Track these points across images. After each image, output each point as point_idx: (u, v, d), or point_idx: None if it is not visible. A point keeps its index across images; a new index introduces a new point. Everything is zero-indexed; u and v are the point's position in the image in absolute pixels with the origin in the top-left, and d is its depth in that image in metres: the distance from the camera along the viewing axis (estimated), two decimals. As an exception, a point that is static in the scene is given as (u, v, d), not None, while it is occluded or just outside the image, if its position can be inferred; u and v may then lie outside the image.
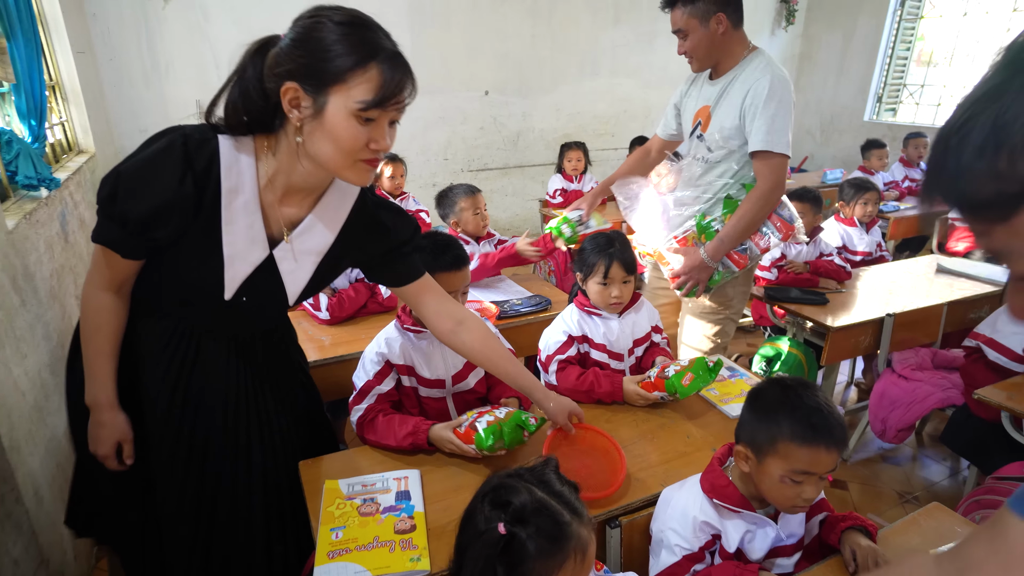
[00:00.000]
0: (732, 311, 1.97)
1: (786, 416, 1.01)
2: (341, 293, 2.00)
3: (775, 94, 1.71)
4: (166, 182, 0.95)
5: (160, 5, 3.57)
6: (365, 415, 1.40)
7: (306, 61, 0.91)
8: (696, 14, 1.74)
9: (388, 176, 3.05)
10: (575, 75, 4.89)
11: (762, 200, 1.77)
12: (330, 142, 0.95)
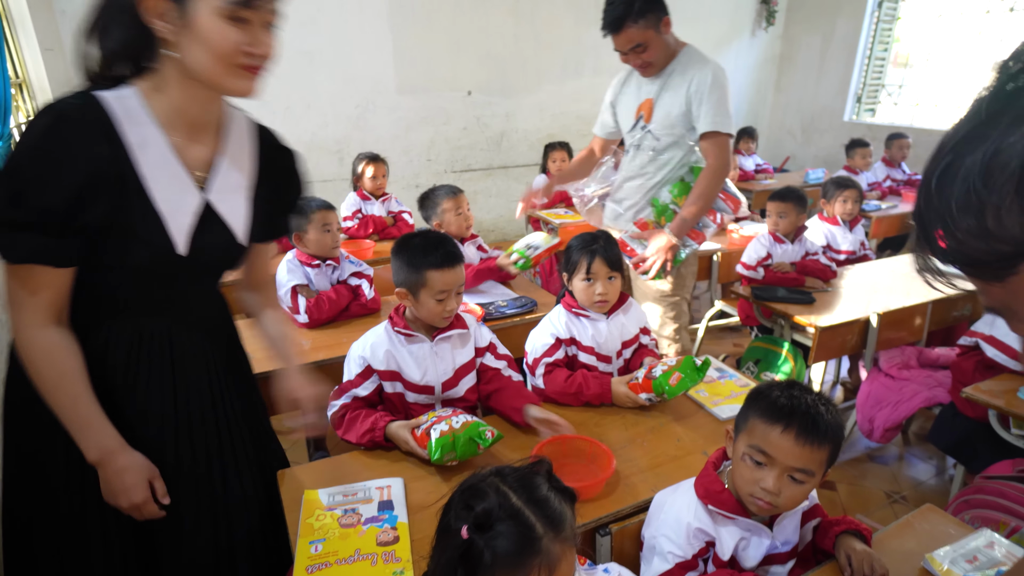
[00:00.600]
0: (685, 291, 2.11)
1: (765, 397, 1.01)
2: (321, 295, 1.95)
3: (718, 82, 1.87)
4: (77, 152, 0.87)
5: None
6: (338, 411, 1.39)
7: None
8: (649, 25, 1.85)
9: (370, 176, 2.99)
10: (558, 75, 4.87)
11: (715, 176, 1.92)
12: (204, 48, 0.89)
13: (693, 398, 1.57)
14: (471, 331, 1.52)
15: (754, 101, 6.07)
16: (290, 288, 1.94)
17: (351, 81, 4.19)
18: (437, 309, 1.41)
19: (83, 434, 0.98)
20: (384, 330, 1.46)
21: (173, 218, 0.98)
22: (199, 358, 1.12)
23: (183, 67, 0.92)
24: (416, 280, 1.40)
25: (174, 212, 0.98)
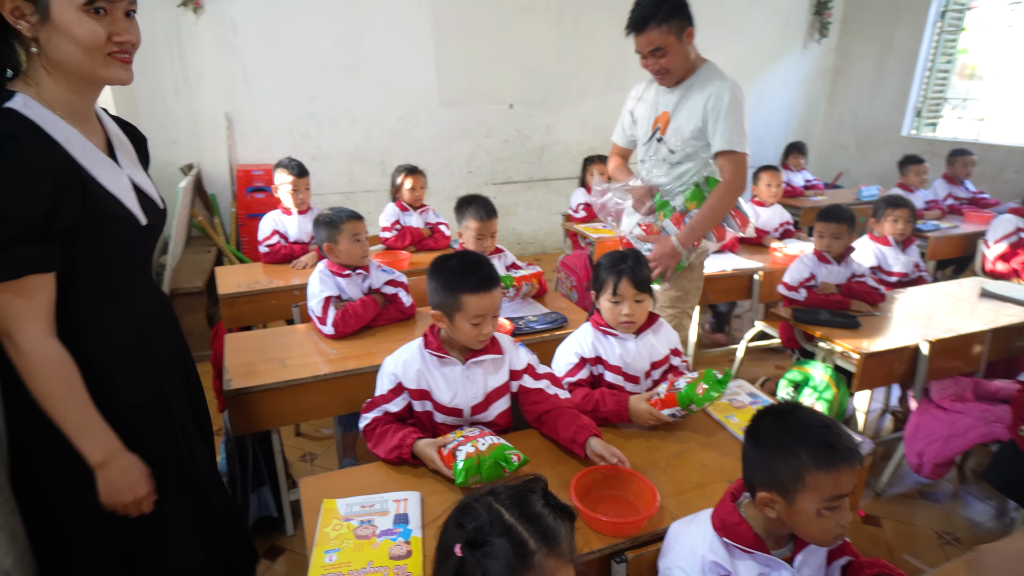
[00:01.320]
0: (688, 304, 2.12)
1: (802, 444, 0.94)
2: (347, 308, 1.97)
3: (735, 100, 1.88)
4: (35, 163, 0.92)
5: (192, 20, 3.67)
6: (370, 424, 1.41)
7: None
8: (672, 31, 1.84)
9: (408, 188, 3.04)
10: (601, 88, 4.85)
11: (728, 192, 1.93)
12: (71, 43, 0.94)
13: (723, 423, 1.51)
14: (506, 355, 1.49)
15: (805, 115, 5.89)
16: (323, 299, 1.97)
17: (394, 94, 4.29)
18: (472, 332, 1.39)
19: (88, 439, 1.02)
20: (417, 348, 1.45)
21: (124, 197, 1.06)
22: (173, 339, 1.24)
23: (51, 63, 0.96)
24: (452, 303, 1.38)
25: (121, 192, 1.06)
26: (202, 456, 1.29)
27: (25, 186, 0.91)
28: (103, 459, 1.03)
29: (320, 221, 2.07)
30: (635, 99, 2.14)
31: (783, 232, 3.34)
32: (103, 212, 1.01)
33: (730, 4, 5.09)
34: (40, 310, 0.97)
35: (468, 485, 1.22)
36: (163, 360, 1.20)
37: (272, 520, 1.98)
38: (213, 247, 3.74)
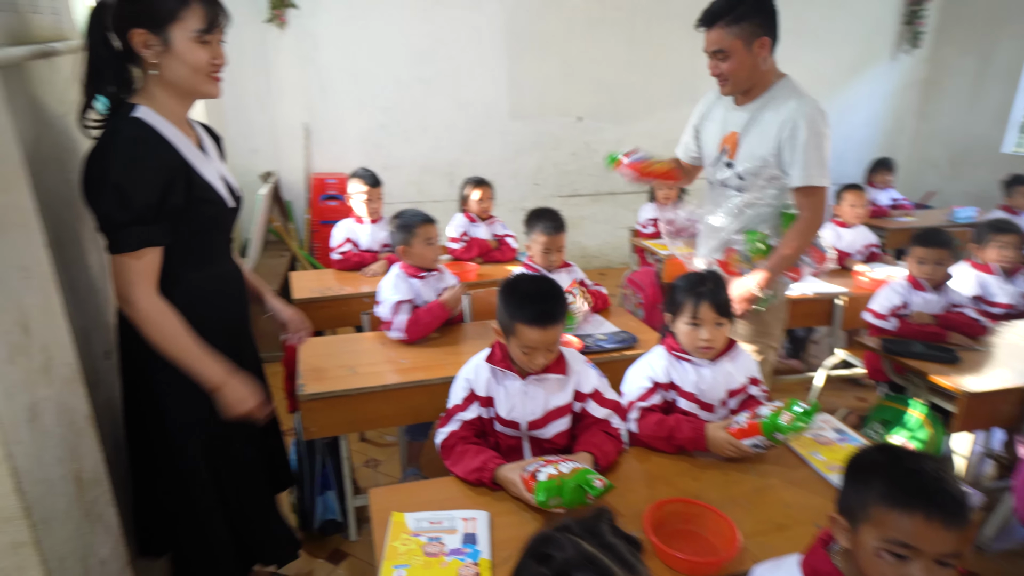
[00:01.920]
0: (771, 338, 1.96)
1: (878, 476, 0.88)
2: (418, 314, 1.99)
3: (815, 127, 1.70)
4: (156, 158, 1.18)
5: (277, 35, 3.84)
6: (447, 440, 1.41)
7: (141, 10, 1.16)
8: (741, 35, 1.68)
9: (476, 199, 3.06)
10: (672, 101, 4.75)
11: (808, 231, 1.78)
12: (184, 66, 1.20)
13: (808, 461, 1.42)
14: (572, 376, 1.46)
15: (891, 130, 5.57)
16: (393, 303, 2.00)
17: (465, 107, 4.35)
18: (523, 359, 1.41)
19: (203, 367, 1.27)
20: (485, 359, 1.48)
21: (216, 184, 1.31)
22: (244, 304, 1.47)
23: (165, 82, 1.22)
24: (509, 327, 1.40)
25: (215, 180, 1.31)
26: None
27: (147, 180, 1.16)
28: (221, 380, 1.28)
29: (395, 223, 2.11)
30: (700, 115, 2.00)
31: (868, 255, 3.15)
32: (202, 196, 1.27)
33: (810, 13, 4.88)
34: (150, 275, 1.21)
35: (548, 507, 1.19)
36: (237, 319, 1.45)
37: (337, 524, 2.01)
38: (287, 252, 3.88)
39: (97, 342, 1.39)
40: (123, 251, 1.18)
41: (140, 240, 1.18)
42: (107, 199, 1.15)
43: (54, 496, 1.03)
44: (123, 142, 1.16)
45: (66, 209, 1.31)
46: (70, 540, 1.07)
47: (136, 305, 1.21)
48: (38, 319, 1.01)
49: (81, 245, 1.38)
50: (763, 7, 1.69)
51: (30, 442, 0.96)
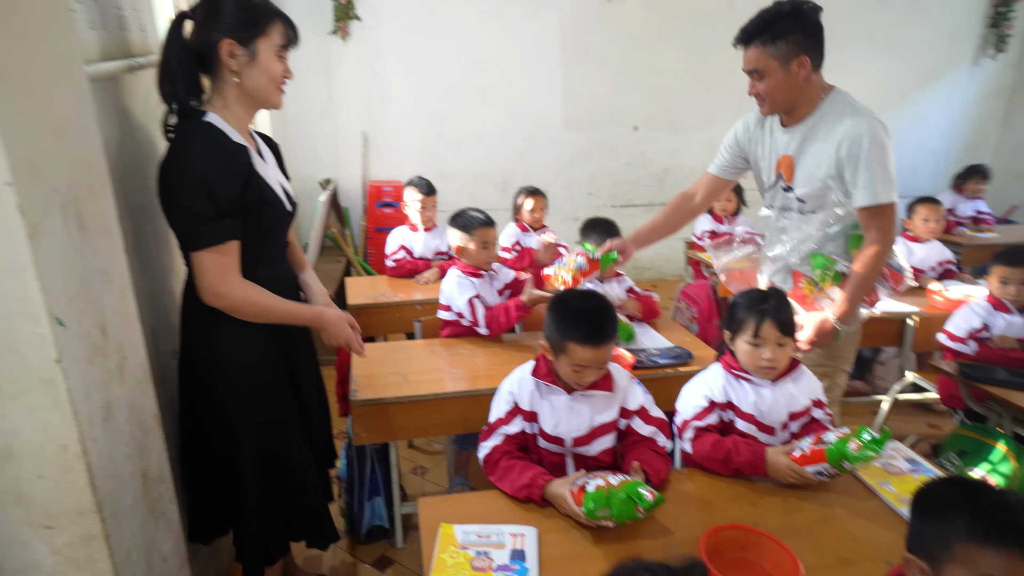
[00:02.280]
0: (842, 362, 1.84)
1: (960, 512, 0.82)
2: (495, 311, 2.04)
3: (877, 141, 1.58)
4: (234, 158, 1.27)
5: (340, 46, 3.97)
6: (491, 455, 1.39)
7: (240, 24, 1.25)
8: (777, 55, 1.60)
9: (529, 209, 3.05)
10: (732, 111, 4.58)
11: (880, 255, 1.66)
12: (264, 75, 1.30)
13: (877, 492, 1.34)
14: (619, 393, 1.44)
15: (972, 140, 5.25)
16: (468, 301, 2.04)
17: (519, 116, 4.36)
18: (572, 376, 1.38)
19: (299, 315, 1.42)
20: (529, 371, 1.47)
21: (276, 189, 1.39)
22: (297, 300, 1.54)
23: (242, 90, 1.30)
24: (558, 344, 1.37)
25: (274, 185, 1.39)
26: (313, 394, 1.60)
27: (228, 175, 1.25)
28: (317, 317, 1.44)
29: (455, 223, 2.13)
30: (746, 136, 1.88)
31: (943, 272, 2.96)
32: (264, 198, 1.34)
33: (884, 17, 4.66)
34: (235, 265, 1.29)
35: (596, 518, 1.16)
36: None
37: (383, 530, 2.04)
38: (343, 258, 3.99)
39: (164, 342, 1.46)
40: (211, 245, 1.24)
41: (227, 233, 1.26)
42: (193, 195, 1.21)
43: (123, 492, 1.08)
44: (203, 142, 1.24)
45: (142, 214, 1.38)
46: (136, 535, 1.12)
47: (228, 295, 1.28)
48: (115, 321, 1.07)
49: (154, 248, 1.45)
50: (804, 24, 1.59)
51: (103, 440, 1.01)
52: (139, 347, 1.18)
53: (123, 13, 1.37)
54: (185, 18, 1.26)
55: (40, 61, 0.88)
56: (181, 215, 1.25)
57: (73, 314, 0.93)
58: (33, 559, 0.96)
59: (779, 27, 1.58)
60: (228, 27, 1.24)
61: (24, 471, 0.92)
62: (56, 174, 0.90)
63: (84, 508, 0.97)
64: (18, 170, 0.80)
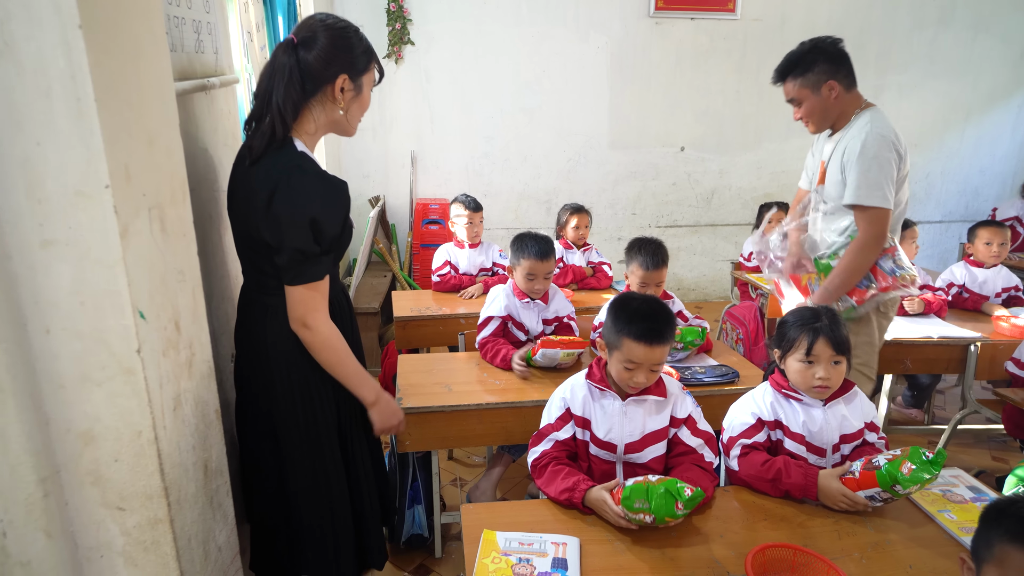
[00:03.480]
0: (859, 361, 1.93)
1: (1008, 515, 0.84)
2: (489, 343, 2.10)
3: (868, 150, 1.79)
4: (339, 196, 1.31)
5: (393, 69, 4.12)
6: (539, 459, 1.42)
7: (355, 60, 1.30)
8: (807, 84, 1.88)
9: (573, 226, 3.08)
10: (782, 132, 4.57)
11: (860, 251, 1.84)
12: (360, 109, 1.37)
13: (935, 518, 1.28)
14: (670, 400, 1.45)
15: (1041, 163, 5.02)
16: (486, 317, 2.13)
17: (566, 136, 4.42)
18: (624, 376, 1.40)
19: (364, 385, 1.39)
20: (583, 377, 1.49)
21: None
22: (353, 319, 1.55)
23: (337, 120, 1.34)
24: (615, 340, 1.40)
25: None
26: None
27: (336, 215, 1.30)
28: (375, 398, 1.42)
29: (513, 242, 2.18)
30: (814, 147, 2.13)
31: (1008, 298, 2.83)
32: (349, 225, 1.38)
33: (946, 38, 4.54)
34: (326, 301, 1.32)
35: (634, 510, 1.17)
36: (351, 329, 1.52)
37: (422, 539, 2.06)
38: (389, 272, 4.09)
39: (224, 345, 1.54)
40: (312, 280, 1.27)
41: (325, 269, 1.30)
42: (303, 234, 1.23)
43: (187, 480, 1.14)
44: (314, 180, 1.25)
45: (209, 222, 1.48)
46: (195, 523, 1.18)
47: (318, 330, 1.30)
48: (187, 318, 1.14)
49: (219, 256, 1.54)
50: (826, 54, 1.85)
51: (172, 429, 1.08)
52: (206, 345, 1.25)
53: (200, 37, 1.48)
54: (295, 47, 1.24)
55: (138, 78, 0.97)
56: (288, 252, 1.23)
57: (153, 309, 1.00)
58: (106, 539, 1.02)
59: (806, 61, 1.86)
60: (348, 63, 1.28)
61: (103, 453, 0.99)
62: (145, 180, 0.99)
63: (153, 492, 1.03)
64: (115, 175, 0.88)
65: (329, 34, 1.26)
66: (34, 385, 0.93)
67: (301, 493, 1.41)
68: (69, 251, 0.89)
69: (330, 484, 1.43)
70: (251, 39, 2.45)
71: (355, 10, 3.99)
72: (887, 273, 1.87)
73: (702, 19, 4.29)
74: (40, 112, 0.83)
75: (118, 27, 0.91)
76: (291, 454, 1.40)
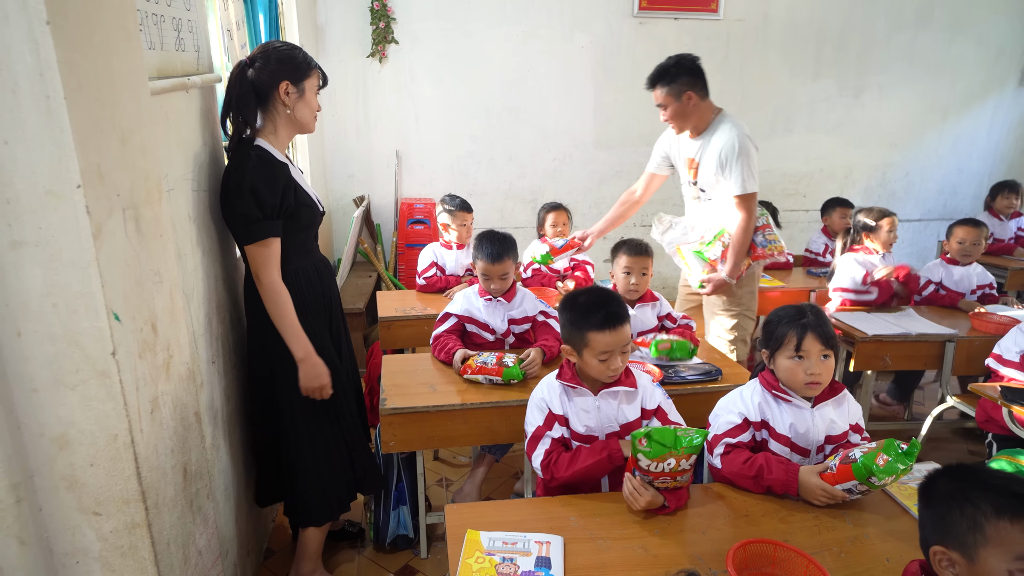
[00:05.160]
0: (744, 308, 2.49)
1: (982, 492, 0.81)
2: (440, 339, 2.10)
3: (743, 147, 2.25)
4: (277, 172, 1.56)
5: (377, 68, 4.10)
6: (546, 458, 1.43)
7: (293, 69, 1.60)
8: (672, 92, 2.30)
9: (551, 224, 3.08)
10: (766, 132, 4.60)
11: (745, 230, 2.33)
12: (308, 109, 1.65)
13: (911, 511, 1.30)
14: (640, 391, 1.49)
15: (1016, 162, 5.10)
16: (444, 313, 2.15)
17: (551, 136, 4.42)
18: (600, 368, 1.42)
19: (297, 341, 1.59)
20: (555, 378, 1.51)
21: (311, 194, 1.70)
22: (333, 284, 1.81)
23: (290, 120, 1.64)
24: (579, 339, 1.43)
25: (309, 191, 1.69)
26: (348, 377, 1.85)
27: (272, 186, 1.54)
28: (304, 355, 1.60)
29: (474, 244, 2.18)
30: (669, 146, 2.58)
31: (982, 296, 2.88)
32: (303, 201, 1.64)
33: (925, 39, 4.61)
34: (274, 260, 1.55)
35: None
36: (330, 296, 1.80)
37: (408, 540, 2.05)
38: (374, 272, 4.07)
39: (204, 347, 1.52)
40: (257, 240, 1.52)
41: (268, 232, 1.53)
42: (246, 201, 1.50)
43: (165, 484, 1.12)
44: (256, 160, 1.54)
45: (190, 222, 1.46)
46: (175, 527, 1.16)
47: (263, 282, 1.55)
48: (164, 320, 1.13)
49: (199, 256, 1.52)
50: (688, 70, 2.27)
51: (149, 432, 1.06)
52: (184, 347, 1.24)
53: (181, 35, 1.46)
54: (247, 66, 1.58)
55: (110, 76, 0.95)
56: (236, 217, 1.53)
57: (128, 310, 0.99)
58: (82, 544, 1.01)
59: (671, 73, 2.28)
60: (289, 72, 1.59)
61: (78, 458, 0.97)
62: (119, 179, 0.97)
63: (130, 496, 1.01)
64: (87, 174, 0.87)
65: (274, 53, 1.59)
66: (5, 389, 0.91)
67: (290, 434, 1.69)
68: (40, 252, 0.87)
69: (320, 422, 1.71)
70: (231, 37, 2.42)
71: (338, 9, 3.97)
72: (759, 246, 2.39)
73: (685, 19, 4.31)
74: (7, 110, 0.82)
75: (88, 23, 0.90)
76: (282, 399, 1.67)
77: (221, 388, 1.61)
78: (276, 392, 1.68)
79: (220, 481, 1.54)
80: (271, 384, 1.68)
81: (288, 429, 1.69)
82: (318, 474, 1.73)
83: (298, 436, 1.70)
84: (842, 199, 3.67)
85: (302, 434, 1.70)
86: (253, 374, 1.76)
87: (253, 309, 1.66)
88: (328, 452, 1.74)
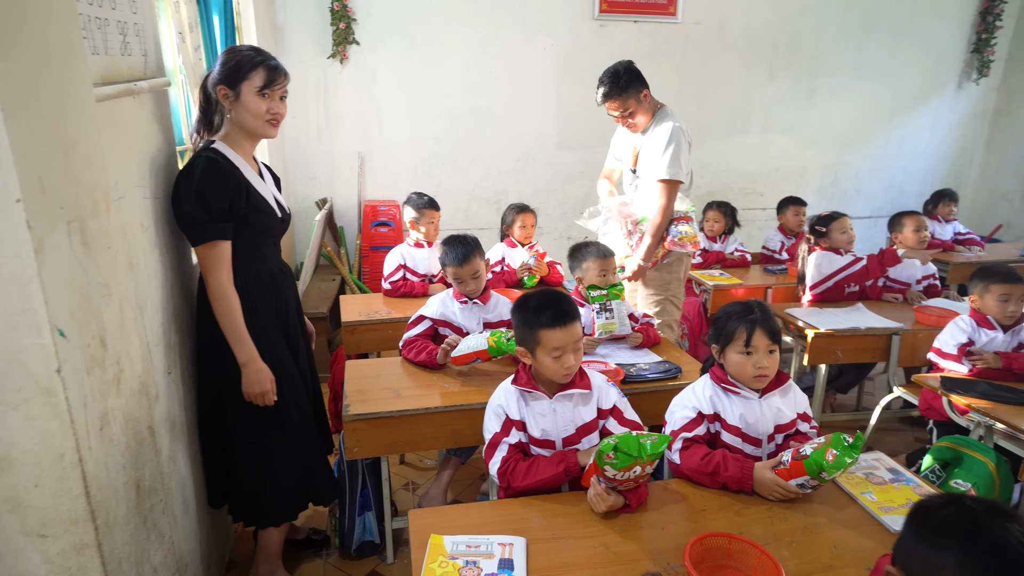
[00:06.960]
0: (670, 293, 2.68)
1: (955, 544, 0.80)
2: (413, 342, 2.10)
3: (673, 137, 2.45)
4: (228, 176, 1.55)
5: (338, 69, 4.05)
6: (504, 465, 1.44)
7: (227, 72, 1.57)
8: (632, 95, 2.49)
9: (519, 225, 3.10)
10: (723, 132, 4.72)
11: (662, 214, 2.50)
12: (247, 112, 1.59)
13: (859, 501, 1.36)
14: (595, 392, 1.52)
15: (957, 161, 5.36)
16: (417, 316, 2.14)
17: (514, 137, 4.44)
18: (554, 367, 1.44)
19: (240, 345, 1.58)
20: (510, 383, 1.53)
21: (269, 200, 1.69)
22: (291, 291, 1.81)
23: (236, 124, 1.61)
24: (531, 339, 1.46)
25: (267, 197, 1.68)
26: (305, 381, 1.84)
27: (220, 189, 1.53)
28: (246, 360, 1.59)
29: (442, 248, 2.18)
30: (616, 138, 2.81)
31: (926, 287, 3.01)
32: (256, 206, 1.63)
33: (871, 43, 4.79)
34: (222, 263, 1.54)
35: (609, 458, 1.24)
36: (286, 302, 1.77)
37: (374, 545, 2.04)
38: (338, 276, 4.02)
39: (159, 358, 1.48)
40: (204, 242, 1.52)
41: (215, 234, 1.53)
42: (192, 203, 1.50)
43: (117, 502, 1.10)
44: (204, 163, 1.53)
45: (142, 231, 1.42)
46: (127, 545, 1.13)
47: (210, 284, 1.55)
48: (114, 333, 1.10)
49: (152, 267, 1.48)
50: (634, 74, 2.49)
51: (99, 449, 1.04)
52: (136, 360, 1.21)
53: (127, 39, 1.42)
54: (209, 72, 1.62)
55: (51, 84, 0.93)
56: (184, 218, 1.53)
57: (74, 326, 0.96)
58: (26, 568, 0.98)
59: (624, 80, 2.47)
60: (224, 76, 1.57)
61: (21, 479, 0.94)
62: (63, 191, 0.94)
63: (78, 516, 0.99)
64: (27, 187, 0.84)
65: (221, 57, 1.59)
66: (-58, 410, 0.88)
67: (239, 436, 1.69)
68: (-22, 268, 0.84)
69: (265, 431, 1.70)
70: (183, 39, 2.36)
71: (297, 9, 3.90)
72: (672, 236, 2.54)
73: (645, 22, 4.39)
74: (-60, 123, 0.79)
75: (26, 30, 0.87)
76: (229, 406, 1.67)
77: (179, 398, 1.58)
78: (228, 396, 1.66)
79: (178, 494, 1.50)
80: (223, 389, 1.66)
81: (240, 433, 1.69)
82: (272, 474, 1.72)
83: (250, 439, 1.69)
84: (795, 198, 3.79)
85: (254, 437, 1.69)
86: (207, 380, 1.73)
87: (205, 313, 1.63)
88: (282, 455, 1.73)
